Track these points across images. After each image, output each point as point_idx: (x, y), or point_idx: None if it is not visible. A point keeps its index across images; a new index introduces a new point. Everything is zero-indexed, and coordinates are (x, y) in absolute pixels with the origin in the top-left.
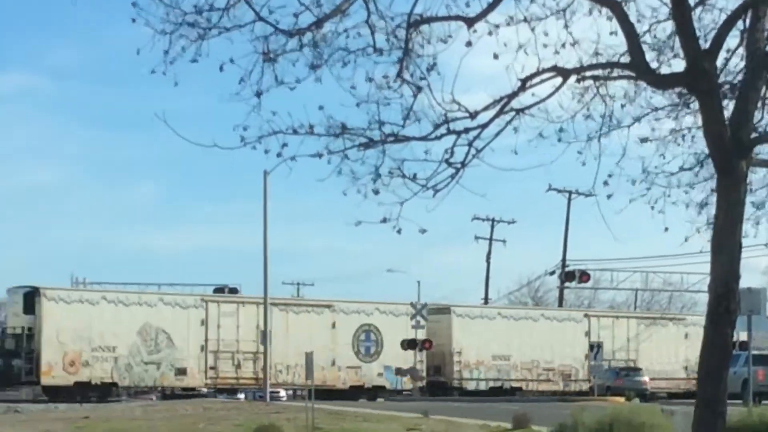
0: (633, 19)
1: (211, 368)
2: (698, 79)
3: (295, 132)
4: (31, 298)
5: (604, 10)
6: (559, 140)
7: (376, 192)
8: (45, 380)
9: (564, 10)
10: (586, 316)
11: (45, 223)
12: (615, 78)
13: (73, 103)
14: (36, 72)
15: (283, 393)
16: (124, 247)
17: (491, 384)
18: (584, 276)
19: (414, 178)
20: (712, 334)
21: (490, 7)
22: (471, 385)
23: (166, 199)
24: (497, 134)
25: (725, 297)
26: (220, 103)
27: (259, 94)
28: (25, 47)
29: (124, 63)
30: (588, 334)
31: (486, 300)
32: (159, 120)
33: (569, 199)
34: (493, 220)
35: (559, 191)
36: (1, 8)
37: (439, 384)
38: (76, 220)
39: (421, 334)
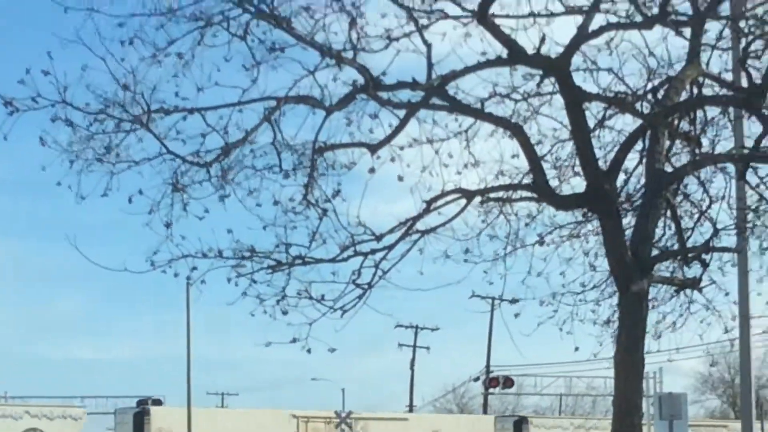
0: (534, 139)
1: None
2: (598, 200)
3: (204, 255)
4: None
5: (507, 131)
6: (465, 261)
7: (285, 313)
8: None
9: (466, 131)
10: None
11: None
12: (518, 200)
13: None
14: None
15: None
16: (46, 358)
17: None
18: (508, 381)
19: (322, 299)
20: None
21: (393, 134)
22: None
23: (88, 311)
24: (403, 256)
25: (629, 413)
26: (131, 227)
27: (168, 225)
28: None
29: (41, 173)
30: None
31: (410, 407)
32: (82, 232)
33: (492, 306)
34: (416, 327)
35: (483, 298)
36: None
37: None
38: None
39: None
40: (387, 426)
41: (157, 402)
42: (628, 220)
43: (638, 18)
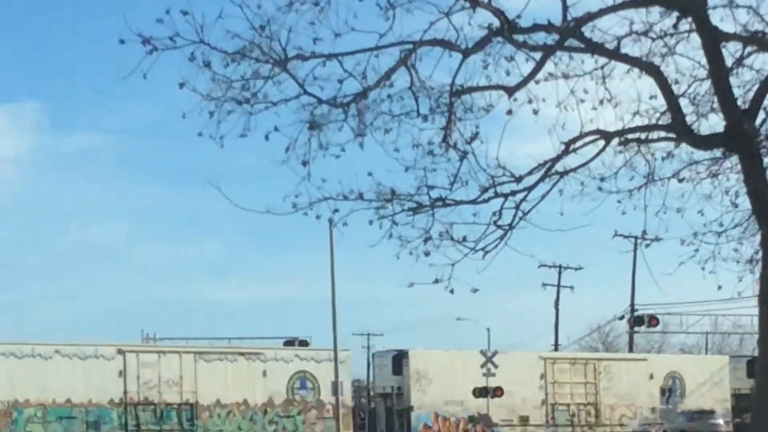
0: (671, 78)
1: None
2: (738, 140)
3: (345, 198)
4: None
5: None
6: (600, 189)
7: (427, 254)
8: None
9: (602, 68)
10: None
11: (114, 279)
12: (656, 140)
13: (138, 160)
14: (99, 131)
15: None
16: (194, 301)
17: None
18: (653, 320)
19: (463, 240)
20: (764, 387)
21: (530, 76)
22: None
23: (235, 252)
24: (543, 197)
25: None
26: (270, 170)
27: (305, 163)
28: (87, 108)
29: (185, 120)
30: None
31: (556, 346)
32: (225, 176)
33: (635, 245)
34: (559, 267)
35: (625, 237)
36: (58, 73)
37: None
38: (145, 275)
39: (492, 382)
40: (628, 366)
41: (304, 343)
42: None
43: None
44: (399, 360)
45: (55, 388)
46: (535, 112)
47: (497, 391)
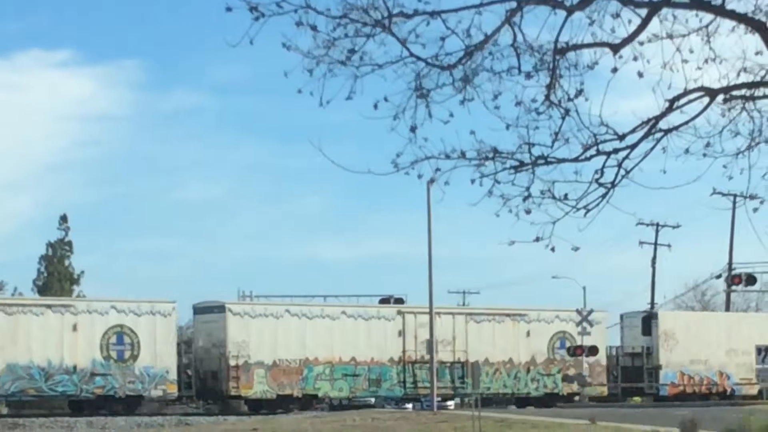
0: None
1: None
2: None
3: (447, 157)
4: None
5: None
6: (704, 155)
7: (528, 212)
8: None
9: (707, 26)
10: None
11: (213, 236)
12: (762, 97)
13: (238, 118)
14: (200, 90)
15: (450, 403)
16: (290, 258)
17: None
18: (750, 278)
19: (565, 198)
20: None
21: (635, 33)
22: None
23: (333, 210)
24: (646, 155)
25: None
26: (372, 129)
27: (413, 129)
28: (185, 66)
29: (287, 79)
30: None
31: (652, 305)
32: (325, 134)
33: (734, 203)
34: (657, 225)
35: (724, 195)
36: (158, 32)
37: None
38: (243, 233)
39: (588, 341)
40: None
41: (400, 300)
42: None
43: None
44: (648, 321)
45: (341, 347)
46: (641, 75)
47: (593, 350)
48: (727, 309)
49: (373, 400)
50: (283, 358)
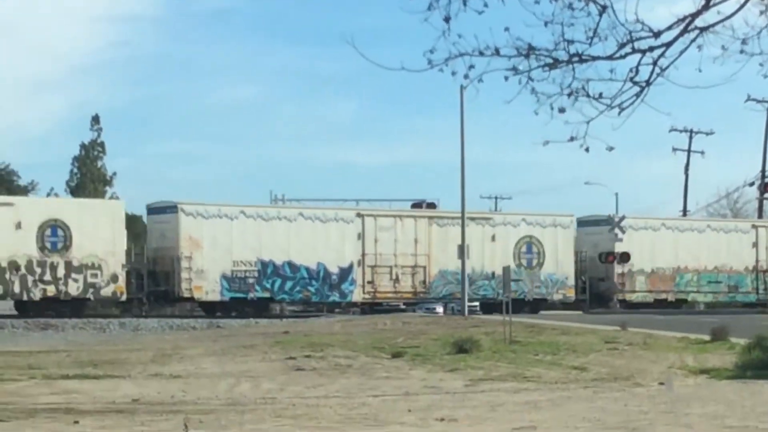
0: None
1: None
2: None
3: (481, 54)
4: None
5: None
6: (741, 52)
7: (562, 110)
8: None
9: None
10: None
11: (244, 140)
12: None
13: (271, 21)
14: None
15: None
16: (322, 163)
17: None
18: None
19: (599, 97)
20: None
21: None
22: None
23: (365, 115)
24: (681, 53)
25: None
26: (412, 36)
27: (447, 19)
28: None
29: None
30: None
31: (684, 212)
32: (357, 37)
33: None
34: (690, 132)
35: (758, 101)
36: None
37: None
38: (275, 137)
39: (619, 247)
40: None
41: (432, 205)
42: None
43: None
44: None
45: (706, 257)
46: None
47: (625, 256)
48: (760, 216)
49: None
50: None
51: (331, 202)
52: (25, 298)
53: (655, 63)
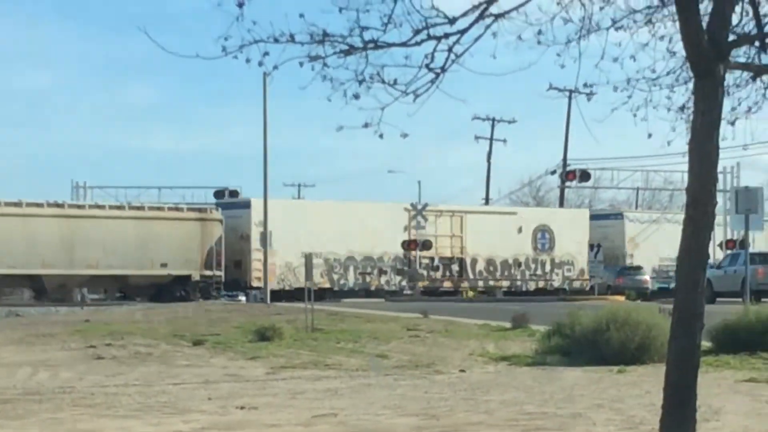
0: None
1: None
2: None
3: (276, 40)
4: None
5: None
6: (539, 43)
7: (357, 96)
8: None
9: None
10: None
11: (43, 127)
12: None
13: (67, 7)
14: None
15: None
16: (123, 150)
17: None
18: (585, 175)
19: (394, 83)
20: (689, 237)
21: None
22: None
23: (165, 101)
24: (476, 39)
25: (702, 200)
26: (205, 17)
27: (241, 5)
28: None
29: None
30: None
31: (486, 200)
32: (156, 23)
33: (570, 98)
34: (493, 120)
35: (560, 90)
36: None
37: None
38: (74, 124)
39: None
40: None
41: (234, 193)
42: (705, 6)
43: None
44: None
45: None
46: None
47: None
48: (561, 205)
49: None
50: None
51: (132, 189)
52: None
53: (450, 49)
